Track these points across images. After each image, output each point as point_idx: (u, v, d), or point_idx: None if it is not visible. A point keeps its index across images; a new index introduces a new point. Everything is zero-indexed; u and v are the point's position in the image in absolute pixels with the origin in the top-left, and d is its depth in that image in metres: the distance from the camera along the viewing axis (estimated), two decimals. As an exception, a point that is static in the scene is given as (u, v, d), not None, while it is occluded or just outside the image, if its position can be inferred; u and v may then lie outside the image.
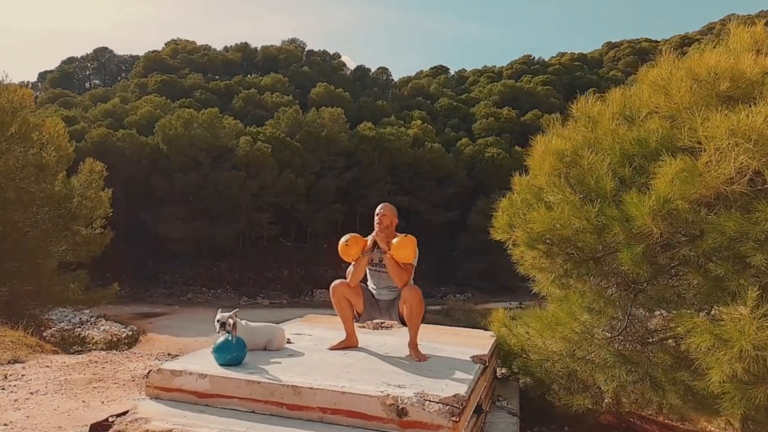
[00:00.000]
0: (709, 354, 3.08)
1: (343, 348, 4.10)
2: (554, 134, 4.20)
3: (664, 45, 77.64)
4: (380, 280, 4.19)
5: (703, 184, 3.13)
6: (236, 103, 50.07)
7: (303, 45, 74.03)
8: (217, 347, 3.51)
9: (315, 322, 5.36)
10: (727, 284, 3.10)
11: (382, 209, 4.27)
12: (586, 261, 3.92)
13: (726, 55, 3.74)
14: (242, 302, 35.42)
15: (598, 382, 4.04)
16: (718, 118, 3.12)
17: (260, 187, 37.37)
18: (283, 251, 41.70)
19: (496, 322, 4.91)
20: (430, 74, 77.18)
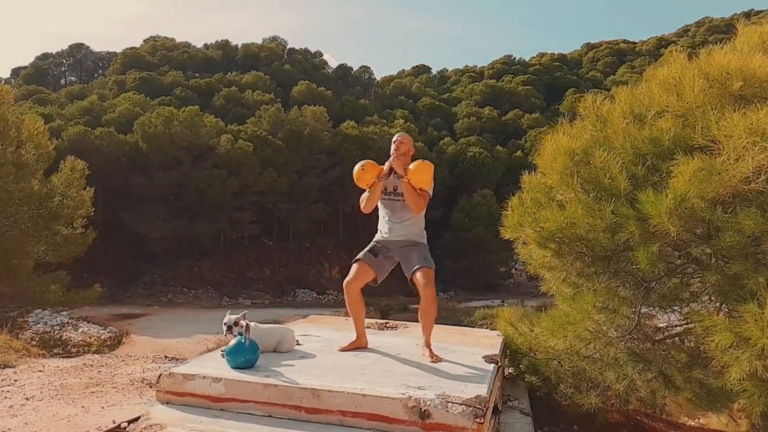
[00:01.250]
0: (728, 352, 3.09)
1: (354, 349, 4.05)
2: (563, 133, 4.18)
3: (641, 46, 78.93)
4: (394, 210, 4.07)
5: (720, 183, 3.15)
6: (217, 101, 49.53)
7: (284, 43, 73.56)
8: (230, 350, 3.43)
9: (319, 322, 5.29)
10: (745, 282, 3.11)
11: (399, 137, 4.20)
12: (598, 260, 3.92)
13: (733, 54, 3.76)
14: (224, 303, 35.07)
15: (608, 381, 4.05)
16: (736, 118, 3.14)
17: (242, 186, 37.00)
18: (265, 251, 41.36)
19: (503, 321, 4.90)
20: (412, 73, 77.34)
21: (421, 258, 3.92)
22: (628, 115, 4.02)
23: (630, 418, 4.55)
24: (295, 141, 40.60)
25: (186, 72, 58.63)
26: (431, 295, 3.87)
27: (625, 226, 3.57)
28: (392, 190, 4.07)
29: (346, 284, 4.08)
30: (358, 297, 4.08)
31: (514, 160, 47.60)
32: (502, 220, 4.39)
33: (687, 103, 3.61)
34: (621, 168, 3.67)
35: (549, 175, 4.07)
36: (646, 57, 72.65)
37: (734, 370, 3.03)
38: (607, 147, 3.90)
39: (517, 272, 43.72)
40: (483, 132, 52.02)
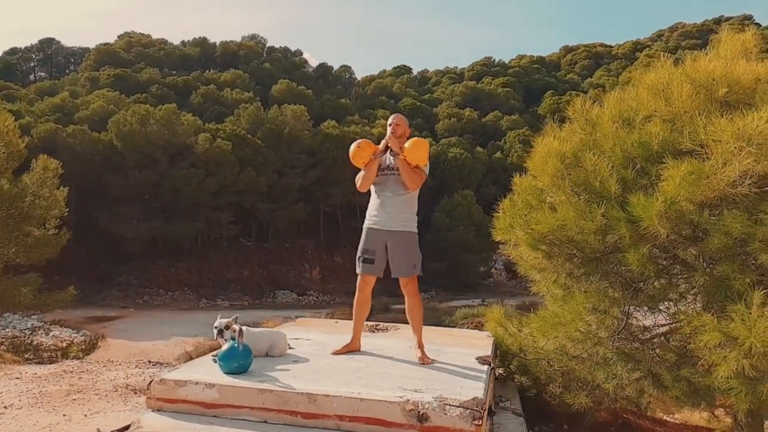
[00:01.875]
0: (716, 351, 3.16)
1: (347, 352, 4.04)
2: (553, 136, 4.23)
3: (617, 50, 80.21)
4: (387, 184, 4.07)
5: (708, 187, 3.21)
6: (195, 99, 48.95)
7: (264, 41, 72.98)
8: (223, 355, 3.39)
9: (308, 325, 5.27)
10: (732, 283, 3.18)
11: (395, 118, 4.25)
12: (588, 261, 3.97)
13: (717, 61, 3.84)
14: (201, 304, 34.68)
15: (598, 380, 4.10)
16: (723, 123, 3.20)
17: (220, 186, 36.59)
18: (243, 251, 40.98)
19: (493, 322, 4.93)
20: (393, 74, 77.43)
21: (410, 265, 3.97)
22: (617, 119, 4.08)
23: (617, 417, 4.63)
24: (275, 140, 40.31)
25: (162, 69, 57.89)
26: (414, 291, 3.99)
27: (616, 228, 3.63)
28: (386, 165, 4.10)
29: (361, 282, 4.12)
30: (368, 297, 4.13)
31: (493, 161, 48.00)
32: (493, 221, 4.42)
33: (675, 108, 3.68)
34: (611, 171, 3.73)
35: (540, 177, 4.11)
36: (622, 60, 73.88)
37: (722, 369, 3.09)
38: (597, 150, 3.95)
39: (496, 272, 44.08)
40: (463, 133, 52.32)
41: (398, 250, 3.97)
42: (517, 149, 48.38)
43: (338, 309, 29.06)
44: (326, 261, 43.33)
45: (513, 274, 45.02)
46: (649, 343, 4.03)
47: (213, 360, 3.57)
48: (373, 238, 4.02)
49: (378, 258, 4.04)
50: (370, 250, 4.04)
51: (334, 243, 43.72)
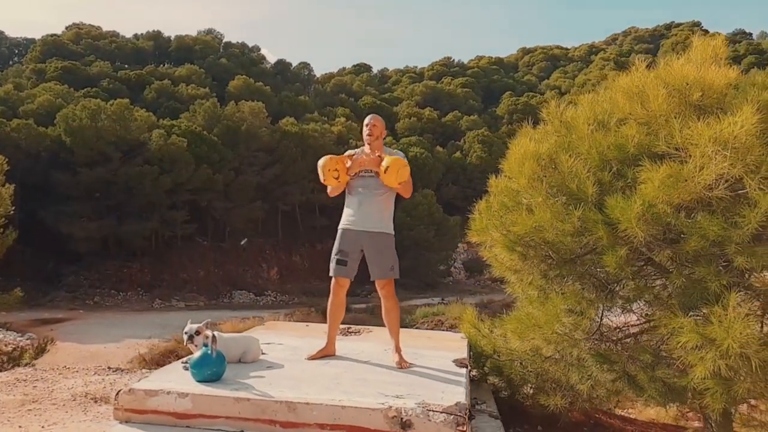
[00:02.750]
0: (692, 352, 3.20)
1: (322, 357, 3.94)
2: (529, 138, 4.22)
3: (573, 52, 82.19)
4: (365, 184, 3.98)
5: (686, 190, 3.26)
6: (148, 95, 47.56)
7: (220, 36, 71.59)
8: (196, 362, 3.25)
9: (279, 329, 5.14)
10: (709, 285, 3.23)
11: (371, 119, 4.12)
12: (563, 263, 3.99)
13: (690, 66, 3.91)
14: (155, 305, 33.79)
15: (572, 381, 4.12)
16: (701, 127, 3.25)
17: (175, 184, 35.69)
18: (199, 251, 40.10)
19: (467, 323, 4.91)
20: (353, 71, 77.17)
21: (387, 267, 3.92)
22: (591, 121, 4.10)
23: (590, 417, 4.68)
24: (232, 137, 39.58)
25: (114, 63, 56.04)
26: (390, 293, 3.96)
27: (593, 230, 3.64)
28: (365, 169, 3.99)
29: (335, 286, 4.04)
30: (342, 300, 4.05)
31: (453, 161, 48.42)
32: (469, 223, 4.40)
33: (650, 111, 3.72)
34: (588, 173, 3.74)
35: (516, 179, 4.10)
36: (578, 63, 75.74)
37: (699, 370, 3.14)
38: (573, 152, 3.96)
39: (455, 270, 44.52)
40: (423, 132, 52.58)
41: (375, 252, 3.89)
42: (476, 149, 48.96)
43: (297, 309, 28.76)
44: (284, 261, 42.91)
45: (472, 273, 45.69)
46: (622, 343, 4.07)
47: (184, 367, 3.42)
48: (349, 239, 3.93)
49: (351, 260, 3.96)
50: (344, 251, 3.95)
51: (293, 242, 43.31)
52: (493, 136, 52.21)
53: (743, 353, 2.93)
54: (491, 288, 40.30)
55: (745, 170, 3.08)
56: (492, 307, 28.02)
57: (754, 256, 3.07)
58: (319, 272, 44.16)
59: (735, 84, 3.83)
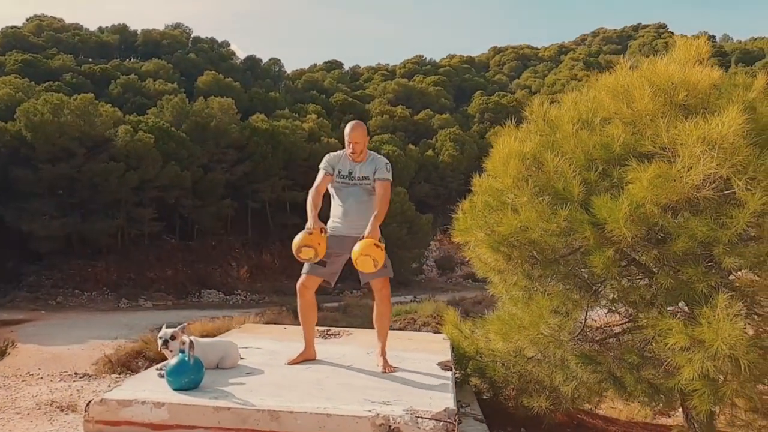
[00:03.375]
0: (680, 353, 3.18)
1: (302, 361, 3.81)
2: (514, 137, 4.16)
3: (544, 52, 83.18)
4: (349, 192, 3.82)
5: (674, 190, 3.23)
6: (114, 89, 46.33)
7: (189, 31, 70.18)
8: (172, 369, 3.09)
9: (256, 332, 4.98)
10: (697, 286, 3.22)
11: (352, 134, 3.79)
12: (548, 263, 3.94)
13: (673, 65, 3.90)
14: (122, 305, 32.93)
15: (556, 383, 4.09)
16: (689, 127, 3.23)
17: (141, 181, 34.80)
18: (167, 249, 39.24)
19: (449, 324, 4.84)
20: (324, 68, 76.65)
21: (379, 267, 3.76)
22: (575, 120, 4.06)
23: (572, 417, 4.66)
24: (201, 133, 38.83)
25: (78, 56, 54.45)
26: (386, 296, 3.84)
27: (579, 230, 3.60)
28: (346, 173, 3.84)
29: (300, 286, 3.87)
30: (312, 301, 3.88)
31: (425, 159, 48.47)
32: (453, 223, 4.32)
33: (636, 110, 3.69)
34: (574, 173, 3.70)
35: (501, 178, 4.03)
36: (548, 62, 76.65)
37: (687, 371, 3.12)
38: (558, 152, 3.92)
39: (428, 268, 44.62)
40: (396, 130, 52.50)
41: None
42: (448, 148, 49.10)
43: (268, 308, 28.36)
44: (254, 259, 42.36)
45: (444, 271, 45.87)
46: (604, 344, 4.05)
47: (159, 375, 3.25)
48: (334, 242, 3.79)
49: (331, 262, 3.82)
50: (326, 252, 3.81)
51: (263, 241, 42.77)
52: (465, 134, 52.49)
53: (732, 355, 2.91)
54: (463, 286, 40.55)
55: (732, 171, 3.07)
56: (464, 305, 28.15)
57: (742, 257, 3.06)
58: (290, 271, 43.66)
59: (716, 84, 3.84)
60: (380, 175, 3.82)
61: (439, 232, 45.08)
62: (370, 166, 3.86)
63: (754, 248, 3.10)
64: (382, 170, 3.84)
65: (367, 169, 3.85)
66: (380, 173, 3.83)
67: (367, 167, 3.86)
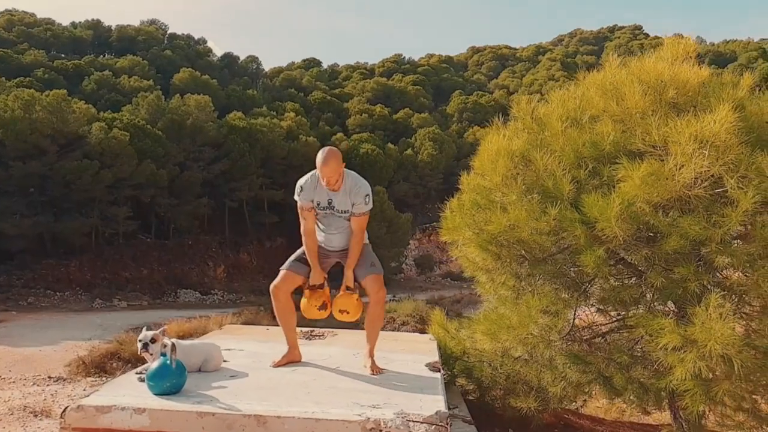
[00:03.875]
0: (672, 353, 3.16)
1: (287, 363, 3.70)
2: (502, 135, 4.11)
3: (521, 52, 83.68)
4: (330, 221, 3.69)
5: (666, 188, 3.21)
6: (87, 86, 45.39)
7: (165, 27, 69.03)
8: (153, 373, 2.96)
9: (238, 333, 4.85)
10: (689, 285, 3.19)
11: (325, 164, 3.48)
12: (537, 262, 3.90)
13: (662, 63, 3.88)
14: (96, 305, 32.24)
15: (545, 383, 4.05)
16: (681, 124, 3.21)
17: (116, 179, 34.12)
18: (142, 249, 38.56)
19: (435, 324, 4.77)
20: (303, 66, 76.06)
21: (368, 264, 3.68)
22: (565, 118, 4.03)
23: (560, 418, 4.63)
24: (177, 131, 38.25)
25: (50, 52, 53.28)
26: (381, 299, 3.73)
27: (569, 229, 3.56)
28: (326, 204, 3.65)
29: (274, 288, 3.75)
30: (288, 303, 3.74)
31: (404, 158, 48.40)
32: (441, 221, 4.26)
33: (626, 108, 3.67)
34: (564, 171, 3.66)
35: (490, 176, 3.98)
36: (525, 63, 77.10)
37: (679, 371, 3.10)
38: (547, 150, 3.88)
39: (407, 267, 44.61)
40: (375, 129, 52.35)
41: None
42: (427, 147, 49.11)
43: (245, 308, 28.06)
44: (232, 258, 41.89)
45: (422, 270, 45.90)
46: (592, 343, 4.02)
47: (140, 379, 3.12)
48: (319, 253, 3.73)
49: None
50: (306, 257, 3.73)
51: (240, 240, 42.33)
52: (444, 134, 52.56)
53: (725, 354, 2.89)
54: (442, 284, 40.63)
55: (724, 169, 3.06)
56: (443, 304, 28.15)
57: (733, 256, 3.04)
58: (267, 270, 43.26)
59: (704, 83, 3.83)
60: (358, 210, 3.61)
61: (418, 231, 45.11)
62: (349, 197, 3.62)
63: (745, 247, 3.09)
64: (360, 204, 3.60)
65: (346, 202, 3.62)
66: (358, 207, 3.61)
67: (345, 198, 3.62)
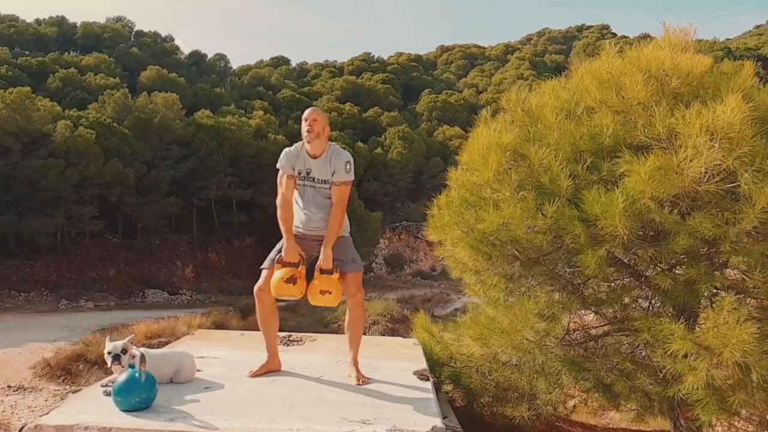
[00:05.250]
0: (682, 361, 2.97)
1: (266, 373, 3.41)
2: (493, 128, 3.88)
3: (490, 51, 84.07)
4: (307, 196, 3.41)
5: (673, 183, 3.02)
6: (52, 83, 44.01)
7: (131, 24, 67.46)
8: (120, 387, 2.64)
9: (211, 339, 4.52)
10: (699, 287, 3.01)
11: (311, 113, 3.51)
12: (531, 263, 3.68)
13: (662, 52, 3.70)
14: (61, 306, 31.26)
15: (538, 390, 3.84)
16: (691, 115, 3.02)
17: (82, 178, 33.16)
18: (109, 248, 37.56)
19: (419, 328, 4.53)
20: (271, 64, 75.17)
21: (348, 258, 3.40)
22: (559, 110, 3.82)
23: (551, 426, 4.42)
24: (144, 129, 37.36)
25: (13, 48, 51.68)
26: (360, 302, 3.46)
27: (568, 227, 3.35)
28: (305, 174, 3.41)
29: (258, 290, 3.41)
30: (272, 306, 3.45)
31: (374, 157, 48.12)
32: (429, 219, 4.01)
33: (626, 99, 3.47)
34: (561, 166, 3.45)
35: (480, 171, 3.74)
36: (494, 62, 77.48)
37: (689, 380, 2.91)
38: (541, 143, 3.67)
39: (377, 266, 44.38)
40: (344, 128, 51.93)
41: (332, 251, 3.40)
42: (397, 145, 48.97)
43: (214, 308, 27.51)
44: (200, 258, 41.14)
45: (392, 269, 45.69)
46: (588, 348, 3.82)
47: (105, 393, 2.80)
48: (299, 242, 3.41)
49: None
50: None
51: (209, 239, 41.58)
52: (414, 132, 52.46)
53: (744, 363, 2.69)
54: (412, 283, 40.52)
55: (738, 162, 2.87)
56: (413, 303, 28.05)
57: (750, 255, 2.86)
58: (236, 270, 42.58)
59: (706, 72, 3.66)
60: (338, 178, 3.38)
61: (388, 230, 44.96)
62: (329, 165, 3.41)
63: (762, 246, 2.90)
64: (341, 172, 3.38)
65: (326, 171, 3.40)
66: (338, 175, 3.38)
67: (325, 166, 3.40)
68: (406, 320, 17.68)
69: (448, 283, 41.24)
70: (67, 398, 3.17)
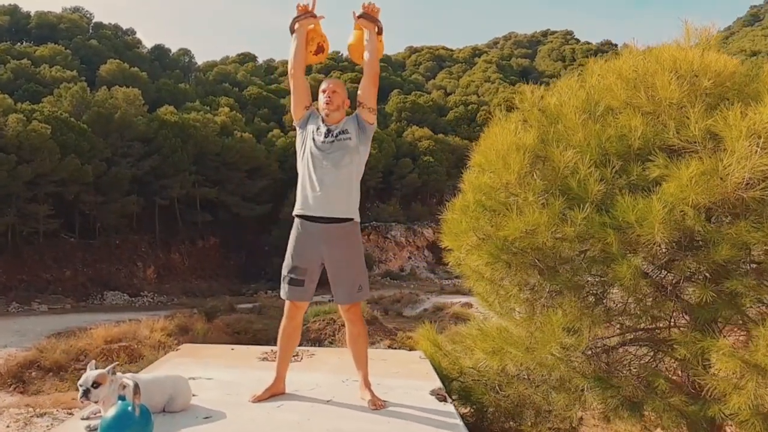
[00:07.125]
0: (726, 380, 2.77)
1: (271, 397, 3.07)
2: (513, 129, 3.63)
3: (458, 53, 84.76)
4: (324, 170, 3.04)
5: (716, 189, 2.81)
6: (3, 75, 42.05)
7: (90, 16, 65.15)
8: (110, 424, 2.26)
9: (199, 356, 4.12)
10: (744, 300, 2.82)
11: (330, 83, 3.34)
12: (554, 273, 3.44)
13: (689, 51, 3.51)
14: (12, 309, 29.89)
15: (557, 408, 3.61)
16: (734, 116, 2.82)
17: (36, 175, 31.80)
18: (65, 249, 36.17)
19: (425, 340, 4.24)
20: (237, 60, 73.88)
21: (354, 287, 3.08)
22: (580, 110, 3.59)
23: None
24: (104, 125, 36.10)
25: (-39, 37, 49.28)
26: (358, 317, 3.20)
27: (598, 235, 3.12)
28: (325, 131, 3.12)
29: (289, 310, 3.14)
30: (299, 325, 3.22)
31: (342, 156, 47.86)
32: (443, 225, 3.73)
33: (656, 99, 3.27)
34: (590, 169, 3.22)
35: (500, 174, 3.48)
36: (462, 64, 78.04)
37: (734, 400, 2.71)
38: (565, 144, 3.43)
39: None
40: (312, 126, 51.48)
41: (340, 263, 3.05)
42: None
43: (177, 311, 26.73)
44: (162, 259, 40.07)
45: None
46: (611, 362, 3.60)
47: (89, 429, 2.42)
48: (305, 244, 3.05)
49: (309, 278, 3.08)
50: (299, 268, 3.05)
51: (171, 239, 40.53)
52: (383, 132, 52.26)
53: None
54: (381, 284, 40.35)
55: (786, 167, 2.68)
56: (383, 303, 27.84)
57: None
58: (200, 271, 41.66)
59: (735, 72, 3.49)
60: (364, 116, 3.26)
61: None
62: (349, 123, 3.22)
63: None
64: (366, 112, 3.26)
65: (346, 125, 3.19)
66: (364, 114, 3.26)
67: (345, 126, 3.19)
68: (376, 321, 17.38)
69: (417, 284, 41.24)
70: None
